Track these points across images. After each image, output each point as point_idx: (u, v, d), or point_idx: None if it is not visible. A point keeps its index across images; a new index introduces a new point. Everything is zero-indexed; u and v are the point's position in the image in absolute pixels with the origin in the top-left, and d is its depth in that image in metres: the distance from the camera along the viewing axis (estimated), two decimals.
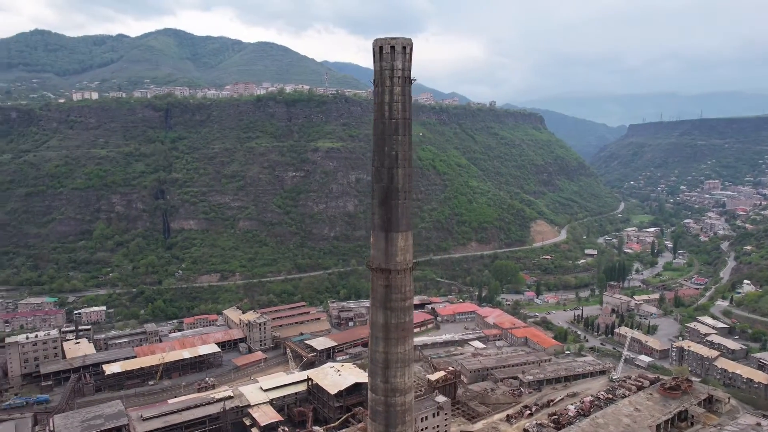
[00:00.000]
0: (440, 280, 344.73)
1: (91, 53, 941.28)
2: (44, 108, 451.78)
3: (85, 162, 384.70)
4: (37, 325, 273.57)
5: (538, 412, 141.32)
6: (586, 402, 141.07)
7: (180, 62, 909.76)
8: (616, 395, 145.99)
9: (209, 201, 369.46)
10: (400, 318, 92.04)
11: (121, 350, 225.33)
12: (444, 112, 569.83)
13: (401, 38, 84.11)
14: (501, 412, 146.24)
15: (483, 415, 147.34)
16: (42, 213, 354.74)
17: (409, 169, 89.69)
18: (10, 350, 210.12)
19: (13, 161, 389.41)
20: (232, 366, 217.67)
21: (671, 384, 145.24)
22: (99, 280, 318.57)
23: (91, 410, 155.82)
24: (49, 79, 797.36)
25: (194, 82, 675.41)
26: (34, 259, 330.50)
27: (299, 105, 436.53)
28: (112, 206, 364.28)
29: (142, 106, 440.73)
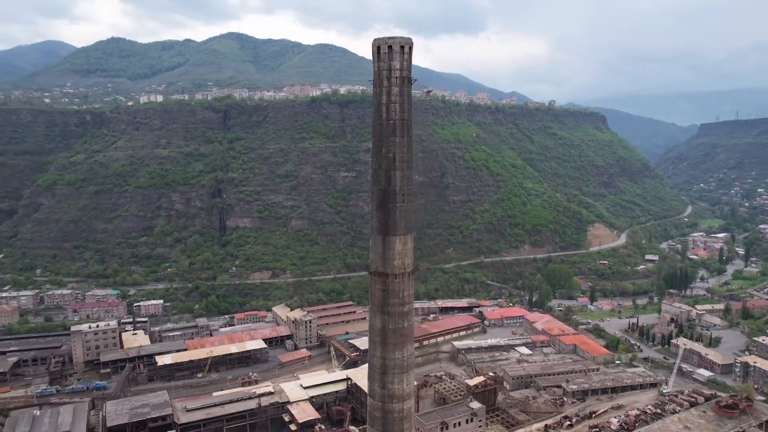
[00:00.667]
0: (490, 283, 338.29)
1: (160, 58, 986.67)
2: (114, 111, 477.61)
3: (149, 162, 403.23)
4: (101, 315, 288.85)
5: (579, 424, 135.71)
6: (630, 416, 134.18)
7: (242, 65, 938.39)
8: (665, 410, 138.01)
9: (263, 200, 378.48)
10: (397, 323, 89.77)
11: (174, 343, 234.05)
12: (500, 112, 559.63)
13: (399, 37, 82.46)
14: (540, 422, 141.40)
15: (522, 424, 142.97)
16: (109, 210, 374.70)
17: (409, 171, 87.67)
18: (74, 338, 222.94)
19: (86, 161, 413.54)
20: (277, 362, 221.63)
21: (728, 402, 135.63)
22: (158, 275, 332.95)
23: (140, 399, 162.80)
24: (122, 83, 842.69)
25: (254, 84, 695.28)
26: (101, 254, 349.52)
27: (352, 106, 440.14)
28: (172, 204, 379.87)
29: (203, 107, 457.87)
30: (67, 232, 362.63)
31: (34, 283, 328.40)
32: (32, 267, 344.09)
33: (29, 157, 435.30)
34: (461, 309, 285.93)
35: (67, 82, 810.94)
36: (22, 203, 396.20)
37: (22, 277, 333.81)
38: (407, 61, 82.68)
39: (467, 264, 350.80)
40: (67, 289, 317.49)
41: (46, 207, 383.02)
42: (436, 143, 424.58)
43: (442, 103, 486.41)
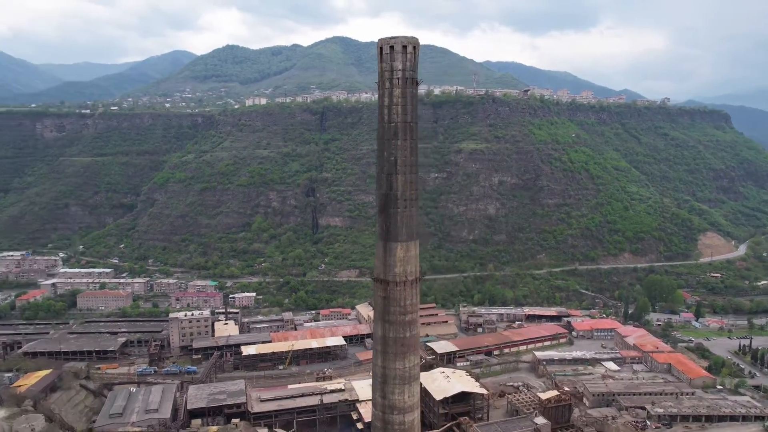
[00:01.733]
0: (584, 292, 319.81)
1: (269, 63, 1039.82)
2: (222, 114, 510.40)
3: (250, 161, 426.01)
4: (200, 305, 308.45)
5: None
6: None
7: (344, 68, 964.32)
8: None
9: (354, 200, 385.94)
10: (398, 332, 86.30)
11: (260, 334, 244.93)
12: (605, 111, 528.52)
13: (401, 37, 79.06)
14: None
15: None
16: (213, 206, 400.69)
17: (412, 175, 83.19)
18: (171, 325, 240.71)
19: (195, 160, 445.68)
20: (354, 360, 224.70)
21: None
22: (253, 269, 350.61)
23: (219, 385, 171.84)
24: (234, 87, 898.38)
25: (354, 86, 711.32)
26: (204, 247, 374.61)
27: (445, 107, 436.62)
28: (269, 202, 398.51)
29: (301, 110, 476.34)
30: (176, 226, 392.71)
31: (146, 271, 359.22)
32: (146, 257, 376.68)
33: (148, 157, 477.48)
34: (549, 318, 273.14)
35: (187, 88, 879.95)
36: (140, 198, 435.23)
37: (137, 265, 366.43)
38: (411, 61, 79.31)
39: (560, 271, 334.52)
40: (173, 278, 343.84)
41: (159, 202, 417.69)
42: (532, 144, 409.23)
43: (540, 103, 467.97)
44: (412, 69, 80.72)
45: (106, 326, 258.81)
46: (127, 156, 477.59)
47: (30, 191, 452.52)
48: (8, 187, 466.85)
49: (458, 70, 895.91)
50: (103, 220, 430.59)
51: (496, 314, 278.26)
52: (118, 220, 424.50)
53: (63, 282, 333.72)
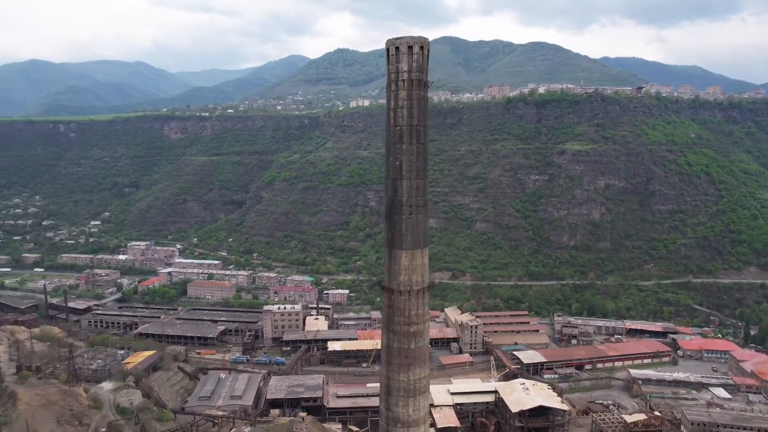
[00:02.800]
0: (697, 307, 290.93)
1: (378, 64, 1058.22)
2: (327, 115, 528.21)
3: (350, 161, 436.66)
4: (296, 299, 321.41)
5: None
6: None
7: (452, 68, 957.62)
8: None
9: (450, 201, 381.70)
10: (402, 343, 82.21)
11: (347, 331, 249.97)
12: (735, 108, 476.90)
13: (407, 37, 74.40)
14: None
15: None
16: (313, 204, 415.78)
17: (418, 181, 78.14)
18: (265, 316, 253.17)
19: (299, 160, 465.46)
20: (438, 363, 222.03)
21: None
22: (348, 267, 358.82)
23: (299, 378, 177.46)
24: (343, 89, 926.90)
25: (460, 86, 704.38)
26: (304, 243, 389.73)
27: (549, 106, 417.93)
28: (367, 201, 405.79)
29: None
30: (279, 222, 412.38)
31: (250, 264, 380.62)
32: (251, 251, 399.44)
33: (258, 156, 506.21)
34: (653, 333, 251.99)
35: (299, 91, 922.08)
36: (249, 196, 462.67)
37: (242, 258, 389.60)
38: (417, 62, 74.99)
39: (670, 283, 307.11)
40: (273, 272, 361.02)
41: (266, 200, 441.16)
42: (643, 145, 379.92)
43: (655, 101, 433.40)
44: (419, 70, 77.35)
45: (209, 314, 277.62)
46: (239, 156, 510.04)
47: (156, 187, 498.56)
48: (139, 184, 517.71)
49: (569, 67, 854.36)
50: (215, 215, 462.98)
51: (594, 326, 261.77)
52: (229, 215, 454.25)
53: (177, 271, 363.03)
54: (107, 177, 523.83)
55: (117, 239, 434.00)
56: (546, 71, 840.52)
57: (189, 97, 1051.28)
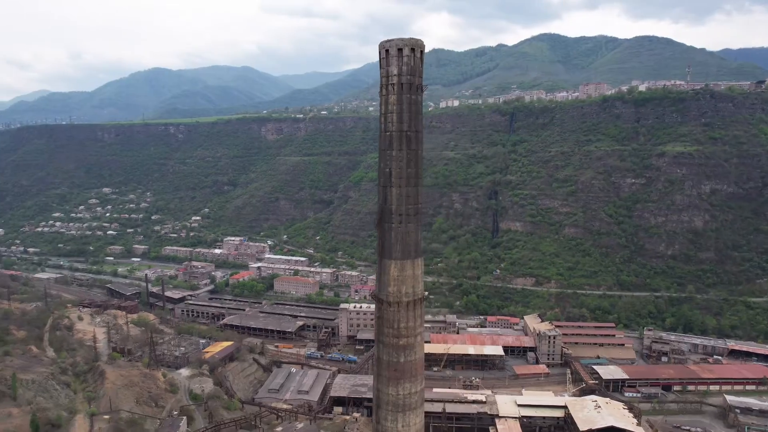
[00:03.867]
0: None
1: (473, 64, 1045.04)
2: None
3: (436, 162, 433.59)
4: None
5: None
6: None
7: (550, 66, 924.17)
8: None
9: (537, 204, 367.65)
10: (391, 356, 78.86)
11: None
12: None
13: (397, 39, 69.58)
14: None
15: None
16: None
17: (409, 189, 74.05)
18: (341, 314, 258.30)
19: None
20: (511, 372, 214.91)
21: None
22: (429, 268, 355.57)
23: (363, 378, 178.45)
24: (437, 90, 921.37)
25: (557, 85, 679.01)
26: None
27: (650, 104, 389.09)
28: (452, 203, 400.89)
29: (491, 111, 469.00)
30: (364, 222, 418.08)
31: (335, 262, 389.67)
32: (336, 249, 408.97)
33: (347, 157, 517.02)
34: (761, 357, 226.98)
35: None
36: (337, 195, 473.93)
37: (328, 256, 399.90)
38: (408, 65, 70.64)
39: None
40: (356, 271, 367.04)
41: (352, 199, 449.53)
42: (761, 146, 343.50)
43: None
44: (410, 73, 73.63)
45: (289, 309, 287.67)
46: (330, 156, 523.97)
47: (251, 186, 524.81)
48: (237, 182, 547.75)
49: (680, 62, 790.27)
50: (305, 213, 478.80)
51: (689, 344, 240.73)
52: (317, 214, 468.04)
53: (266, 266, 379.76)
54: (209, 175, 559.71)
55: (214, 234, 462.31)
56: (653, 67, 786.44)
57: (289, 99, 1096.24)
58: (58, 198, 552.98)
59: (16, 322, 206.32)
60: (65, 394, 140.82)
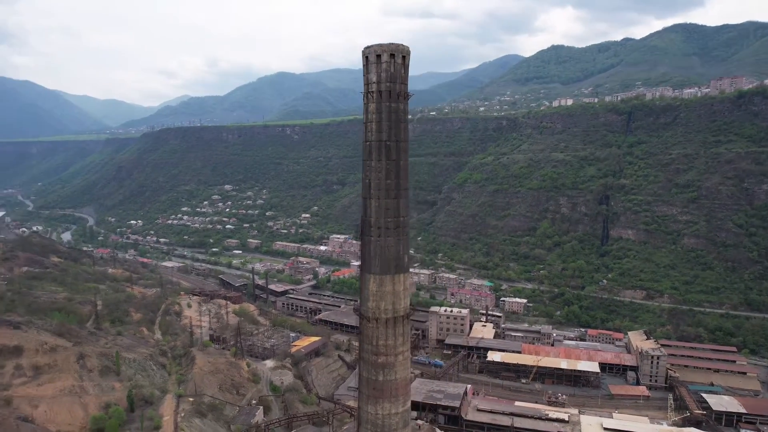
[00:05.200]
0: None
1: (594, 60, 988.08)
2: (526, 116, 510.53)
3: (544, 164, 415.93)
4: (472, 302, 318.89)
5: None
6: None
7: (682, 59, 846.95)
8: None
9: (653, 211, 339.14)
10: (371, 373, 75.17)
11: (512, 343, 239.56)
12: None
13: (376, 45, 62.95)
14: None
15: None
16: (501, 208, 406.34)
17: (389, 201, 69.21)
18: (431, 317, 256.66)
19: (492, 162, 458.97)
20: (606, 391, 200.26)
21: None
22: (530, 275, 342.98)
23: (441, 384, 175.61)
24: (554, 88, 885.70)
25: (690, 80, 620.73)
26: (488, 247, 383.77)
27: None
28: (558, 208, 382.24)
29: (605, 110, 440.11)
30: (466, 224, 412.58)
31: (434, 264, 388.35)
32: (436, 251, 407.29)
33: (453, 158, 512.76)
34: None
35: (507, 91, 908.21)
36: (440, 196, 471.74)
37: (428, 258, 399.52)
38: (387, 72, 64.87)
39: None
40: (454, 273, 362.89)
41: (455, 201, 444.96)
42: None
43: None
44: (390, 80, 68.42)
45: None
46: (436, 157, 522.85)
47: (359, 186, 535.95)
48: (345, 182, 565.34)
49: None
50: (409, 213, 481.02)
51: None
52: (420, 214, 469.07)
53: None
54: (319, 175, 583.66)
55: (321, 231, 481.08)
56: None
57: None
58: (186, 194, 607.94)
59: (135, 305, 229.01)
60: (160, 374, 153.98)
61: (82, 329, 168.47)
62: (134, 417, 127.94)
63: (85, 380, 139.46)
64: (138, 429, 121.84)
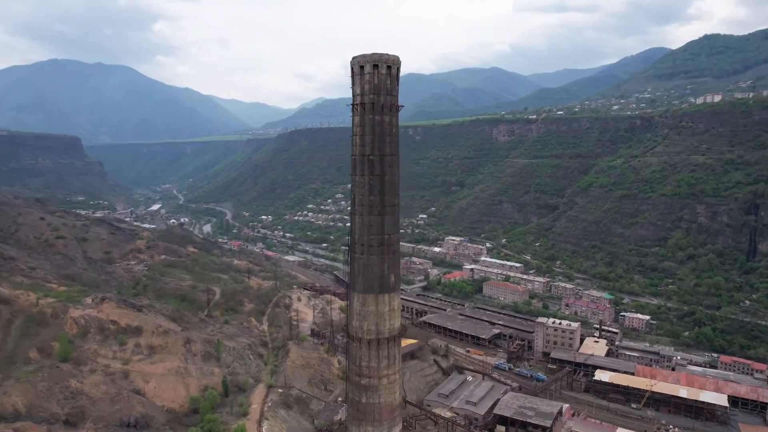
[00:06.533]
0: None
1: (758, 50, 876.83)
2: (663, 115, 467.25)
3: (680, 168, 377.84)
4: (588, 315, 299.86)
5: None
6: None
7: None
8: None
9: None
10: (354, 394, 72.78)
11: (625, 363, 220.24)
12: None
13: (360, 57, 54.90)
14: None
15: None
16: (629, 215, 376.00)
17: (372, 217, 63.77)
18: (537, 328, 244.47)
19: (621, 165, 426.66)
20: (735, 429, 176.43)
21: None
22: (656, 289, 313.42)
23: (534, 401, 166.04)
24: (704, 83, 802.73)
25: None
26: (611, 257, 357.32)
27: None
28: (695, 216, 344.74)
29: (761, 107, 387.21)
30: (588, 231, 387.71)
31: (551, 272, 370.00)
32: (554, 258, 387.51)
33: (579, 160, 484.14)
34: None
35: (648, 87, 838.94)
36: (563, 201, 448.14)
37: (544, 265, 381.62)
38: (371, 83, 57.84)
39: None
40: (571, 283, 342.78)
41: (578, 206, 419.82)
42: None
43: None
44: (374, 92, 61.67)
45: (489, 315, 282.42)
46: (560, 159, 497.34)
47: (477, 187, 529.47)
48: (464, 183, 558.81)
49: None
50: (527, 218, 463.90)
51: None
52: (540, 219, 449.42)
53: (479, 269, 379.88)
54: (438, 176, 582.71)
55: (437, 232, 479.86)
56: None
57: (534, 99, 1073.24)
58: (312, 192, 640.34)
59: (250, 296, 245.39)
60: (256, 364, 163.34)
61: (193, 315, 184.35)
62: (226, 402, 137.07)
63: (189, 363, 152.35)
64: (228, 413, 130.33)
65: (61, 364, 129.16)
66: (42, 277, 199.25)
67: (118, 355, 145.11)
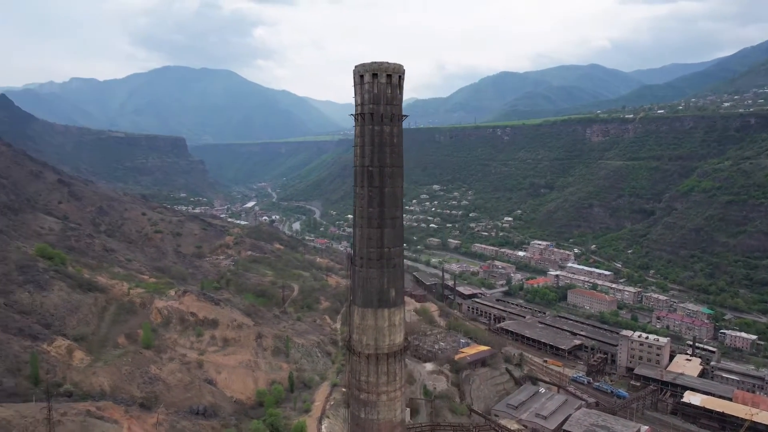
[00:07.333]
0: None
1: None
2: None
3: None
4: (682, 331, 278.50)
5: None
6: None
7: None
8: None
9: None
10: (354, 408, 69.48)
11: (722, 386, 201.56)
12: None
13: (360, 66, 49.30)
14: None
15: None
16: (736, 223, 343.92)
17: (371, 230, 59.98)
18: (621, 342, 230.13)
19: (729, 168, 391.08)
20: None
21: None
22: (766, 306, 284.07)
23: (610, 420, 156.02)
24: None
25: None
26: (713, 268, 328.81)
27: None
28: None
29: None
30: (687, 239, 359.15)
31: (643, 281, 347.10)
32: (647, 267, 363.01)
33: (680, 162, 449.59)
34: None
35: None
36: (660, 206, 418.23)
37: (636, 274, 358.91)
38: (371, 93, 52.53)
39: None
40: (665, 295, 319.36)
41: (677, 212, 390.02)
42: None
43: None
44: (374, 102, 57.20)
45: (570, 325, 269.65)
46: (658, 161, 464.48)
47: (567, 190, 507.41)
48: (553, 185, 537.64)
49: None
50: (620, 223, 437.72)
51: None
52: (634, 225, 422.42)
53: (564, 275, 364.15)
54: (526, 177, 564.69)
55: (522, 236, 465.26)
56: None
57: (636, 96, 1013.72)
58: None
59: (326, 294, 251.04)
60: (323, 362, 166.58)
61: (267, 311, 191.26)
62: (291, 397, 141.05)
63: (259, 357, 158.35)
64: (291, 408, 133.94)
65: (143, 351, 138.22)
66: (136, 269, 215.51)
67: (195, 346, 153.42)
